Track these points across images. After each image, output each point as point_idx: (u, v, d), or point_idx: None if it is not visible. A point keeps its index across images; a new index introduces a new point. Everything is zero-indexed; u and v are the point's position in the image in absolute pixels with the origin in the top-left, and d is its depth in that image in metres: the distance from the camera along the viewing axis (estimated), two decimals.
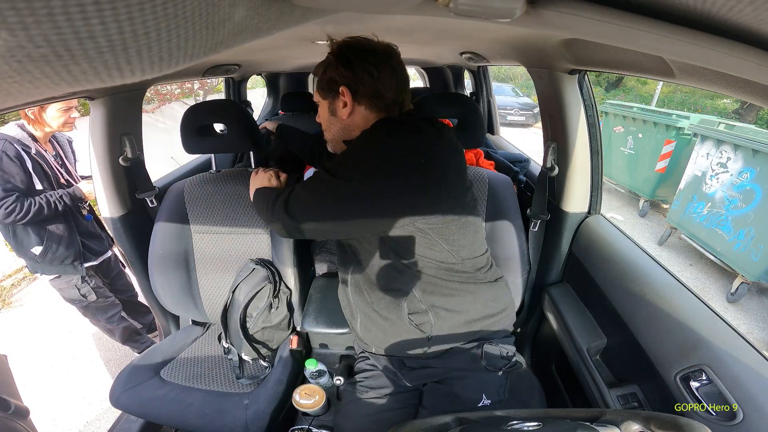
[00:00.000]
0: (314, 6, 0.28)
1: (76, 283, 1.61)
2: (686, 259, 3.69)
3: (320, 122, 0.90)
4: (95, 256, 1.67)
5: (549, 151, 1.18)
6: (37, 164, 1.44)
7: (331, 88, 0.82)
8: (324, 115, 0.88)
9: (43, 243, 1.48)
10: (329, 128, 0.89)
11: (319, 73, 0.84)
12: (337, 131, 0.88)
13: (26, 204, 1.37)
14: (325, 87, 0.83)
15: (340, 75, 0.79)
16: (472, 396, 0.84)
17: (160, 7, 0.15)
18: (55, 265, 1.54)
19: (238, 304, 1.18)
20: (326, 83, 0.82)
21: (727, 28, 0.28)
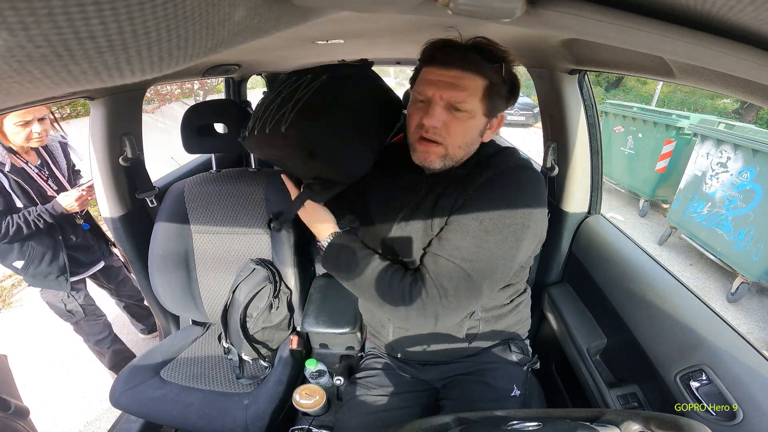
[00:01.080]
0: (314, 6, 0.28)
1: (62, 298, 1.54)
2: (686, 259, 3.69)
3: (452, 133, 0.71)
4: (84, 268, 1.58)
5: (549, 151, 1.18)
6: (14, 181, 1.31)
7: (496, 107, 0.72)
8: (473, 132, 0.72)
9: (24, 258, 1.40)
10: (466, 147, 0.74)
11: (475, 75, 0.68)
12: (467, 153, 0.76)
13: (3, 225, 1.27)
14: (491, 104, 0.70)
15: (503, 101, 0.72)
16: (506, 386, 0.89)
17: (160, 7, 0.15)
18: (39, 279, 1.47)
19: (239, 304, 1.18)
20: (493, 99, 0.70)
21: (727, 28, 0.28)
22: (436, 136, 0.70)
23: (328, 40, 1.17)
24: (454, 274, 0.68)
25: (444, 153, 0.72)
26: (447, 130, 0.70)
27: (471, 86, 0.67)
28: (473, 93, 0.67)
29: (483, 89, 0.68)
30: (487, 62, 0.67)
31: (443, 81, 0.67)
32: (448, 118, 0.69)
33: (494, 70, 0.68)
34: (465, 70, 0.67)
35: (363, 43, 1.31)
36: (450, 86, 0.67)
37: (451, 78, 0.67)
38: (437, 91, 0.68)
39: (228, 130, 1.19)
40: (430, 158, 0.73)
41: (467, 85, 0.67)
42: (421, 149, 0.73)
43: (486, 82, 0.67)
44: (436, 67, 0.69)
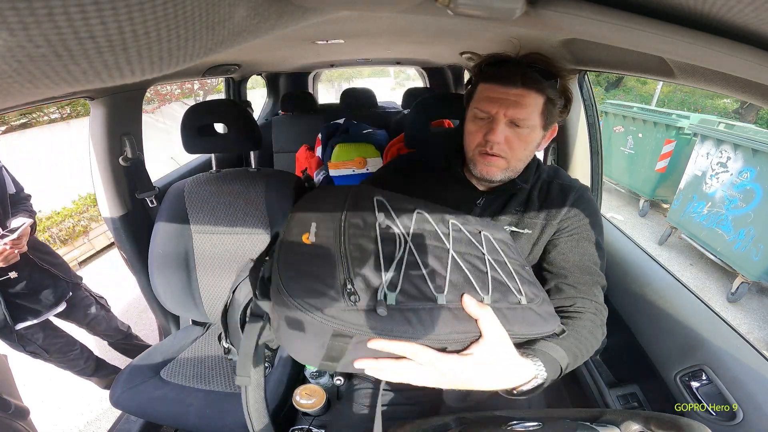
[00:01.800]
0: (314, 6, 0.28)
1: (15, 346, 1.37)
2: (686, 258, 3.69)
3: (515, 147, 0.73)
4: (34, 315, 1.38)
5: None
6: None
7: (552, 121, 0.75)
8: (533, 145, 0.76)
9: None
10: (526, 159, 0.77)
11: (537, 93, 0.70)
12: (524, 165, 0.79)
13: None
14: (548, 119, 0.73)
15: (558, 114, 0.74)
16: None
17: (160, 7, 0.15)
18: None
19: (239, 304, 1.18)
20: (551, 114, 0.73)
21: (727, 28, 0.28)
22: (499, 152, 0.73)
23: (328, 40, 1.17)
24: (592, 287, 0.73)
25: (506, 166, 0.75)
26: (509, 145, 0.73)
27: (532, 103, 0.70)
28: (534, 110, 0.70)
29: (542, 105, 0.71)
30: (545, 79, 0.70)
31: (506, 99, 0.70)
32: (510, 134, 0.72)
33: (551, 87, 0.70)
34: (527, 88, 0.69)
35: (363, 43, 1.31)
36: (513, 104, 0.70)
37: (514, 96, 0.70)
38: (500, 108, 0.70)
39: (228, 130, 1.19)
40: (492, 171, 0.75)
41: (529, 103, 0.70)
42: (483, 162, 0.76)
43: (545, 98, 0.70)
44: (498, 85, 0.71)
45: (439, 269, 0.55)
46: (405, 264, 0.52)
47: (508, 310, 0.57)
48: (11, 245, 1.17)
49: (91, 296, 1.64)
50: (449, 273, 0.54)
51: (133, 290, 2.60)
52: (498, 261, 0.62)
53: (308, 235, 0.54)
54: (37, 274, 1.38)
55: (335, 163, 1.78)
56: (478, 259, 0.61)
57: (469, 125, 0.77)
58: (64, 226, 3.19)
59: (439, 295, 0.51)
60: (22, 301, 1.34)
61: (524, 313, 0.58)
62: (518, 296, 0.59)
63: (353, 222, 0.57)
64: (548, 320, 0.60)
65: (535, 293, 0.62)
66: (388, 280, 0.50)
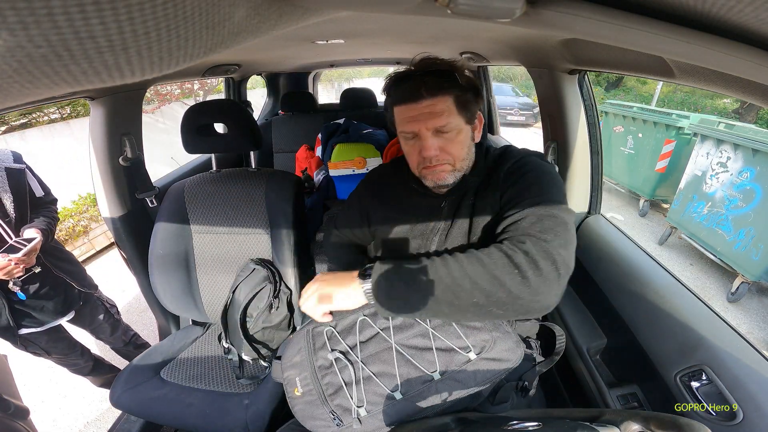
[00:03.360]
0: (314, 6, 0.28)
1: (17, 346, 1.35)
2: (686, 258, 3.69)
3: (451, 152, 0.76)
4: (39, 325, 1.35)
5: (549, 151, 1.18)
6: None
7: (473, 111, 0.77)
8: (467, 141, 0.78)
9: None
10: (468, 156, 0.79)
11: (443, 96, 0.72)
12: (470, 160, 0.81)
13: None
14: (468, 112, 0.75)
15: (474, 103, 0.76)
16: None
17: (160, 7, 0.15)
18: None
19: (239, 304, 1.18)
20: (468, 107, 0.75)
21: (727, 28, 0.28)
22: (439, 161, 0.76)
23: (328, 40, 1.17)
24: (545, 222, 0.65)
25: (452, 168, 0.78)
26: (445, 150, 0.75)
27: (444, 107, 0.72)
28: (449, 112, 0.73)
29: (454, 104, 0.73)
30: (444, 79, 0.72)
31: (420, 114, 0.73)
32: (441, 143, 0.75)
33: (453, 83, 0.73)
34: (433, 96, 0.72)
35: (363, 43, 1.31)
36: (428, 116, 0.72)
37: (425, 108, 0.72)
38: (420, 124, 0.73)
39: (228, 130, 1.19)
40: (441, 175, 0.78)
41: (441, 109, 0.72)
42: (431, 173, 0.78)
43: (453, 96, 0.73)
44: (408, 104, 0.74)
45: (390, 370, 0.71)
46: (363, 382, 0.72)
47: (459, 373, 0.69)
48: (17, 261, 1.13)
49: (103, 305, 1.62)
50: (398, 369, 0.71)
51: (133, 290, 2.61)
52: (441, 326, 0.73)
53: (297, 389, 0.79)
54: (50, 281, 1.35)
55: (335, 162, 1.78)
56: (420, 337, 0.73)
57: (404, 147, 0.80)
58: (64, 226, 3.19)
59: (395, 393, 0.70)
60: (28, 309, 1.30)
61: (477, 367, 0.70)
62: (466, 354, 0.70)
63: (319, 365, 0.78)
64: (507, 359, 0.71)
65: (485, 339, 0.71)
66: (356, 400, 0.72)
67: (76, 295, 1.46)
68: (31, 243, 1.16)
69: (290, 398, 0.79)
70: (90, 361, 1.62)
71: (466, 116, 0.75)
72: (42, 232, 1.23)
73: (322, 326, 0.82)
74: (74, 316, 1.49)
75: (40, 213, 1.30)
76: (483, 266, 0.61)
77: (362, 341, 0.77)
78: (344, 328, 0.80)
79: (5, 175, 1.19)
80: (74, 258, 1.52)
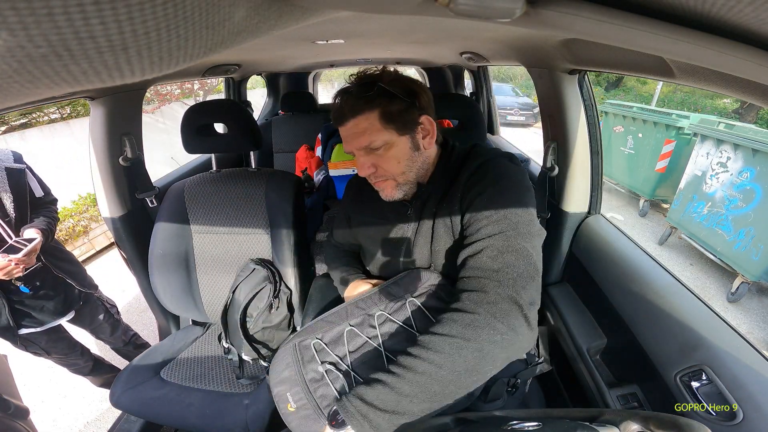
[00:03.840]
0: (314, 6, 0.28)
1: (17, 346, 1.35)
2: (686, 258, 3.69)
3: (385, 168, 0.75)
4: (38, 325, 1.34)
5: (549, 151, 1.18)
6: None
7: (407, 120, 0.73)
8: (404, 154, 0.74)
9: None
10: (412, 168, 0.76)
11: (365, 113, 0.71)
12: (419, 169, 0.78)
13: None
14: (398, 123, 0.72)
15: (409, 111, 0.73)
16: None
17: (160, 7, 0.15)
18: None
19: (239, 304, 1.18)
20: (397, 118, 0.71)
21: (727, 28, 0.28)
22: (378, 178, 0.77)
23: (328, 40, 1.17)
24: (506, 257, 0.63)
25: (396, 183, 0.77)
26: (380, 166, 0.75)
27: (367, 125, 0.71)
28: (372, 129, 0.71)
29: (378, 119, 0.71)
30: (363, 97, 0.70)
31: (347, 136, 0.74)
32: (374, 159, 0.74)
33: (376, 96, 0.70)
34: (354, 116, 0.71)
35: (363, 43, 1.31)
36: (353, 137, 0.73)
37: (350, 129, 0.72)
38: (350, 145, 0.75)
39: (228, 130, 1.19)
40: (388, 193, 0.79)
41: (363, 127, 0.71)
42: (379, 189, 0.79)
43: (376, 111, 0.70)
44: (339, 126, 0.75)
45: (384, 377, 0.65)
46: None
47: None
48: (16, 262, 1.13)
49: (103, 305, 1.62)
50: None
51: (133, 290, 2.61)
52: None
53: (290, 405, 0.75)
54: (50, 281, 1.35)
55: (335, 162, 1.78)
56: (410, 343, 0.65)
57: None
58: (64, 226, 3.19)
59: None
60: (28, 309, 1.31)
61: None
62: None
63: (310, 378, 0.75)
64: None
65: None
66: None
67: (76, 295, 1.46)
68: (31, 243, 1.16)
69: (284, 414, 0.74)
70: (90, 361, 1.61)
71: (396, 127, 0.72)
72: (42, 232, 1.23)
73: (309, 339, 0.79)
74: (74, 316, 1.49)
75: (40, 213, 1.30)
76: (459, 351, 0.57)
77: (351, 351, 0.75)
78: (331, 339, 0.78)
79: (5, 175, 1.19)
80: (74, 258, 1.52)
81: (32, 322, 1.33)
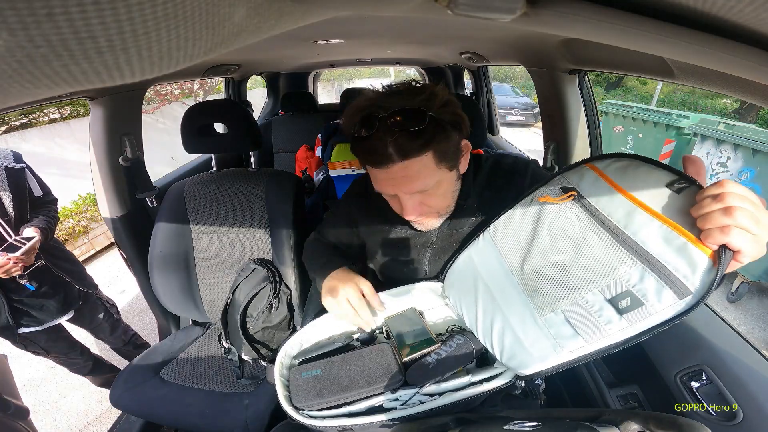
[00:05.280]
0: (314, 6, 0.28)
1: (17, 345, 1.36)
2: None
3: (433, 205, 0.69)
4: (38, 324, 1.35)
5: (549, 151, 1.18)
6: None
7: (456, 153, 0.66)
8: (450, 187, 0.70)
9: None
10: (454, 196, 0.73)
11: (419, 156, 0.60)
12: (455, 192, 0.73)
13: None
14: (451, 160, 0.65)
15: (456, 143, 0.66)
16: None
17: (160, 7, 0.15)
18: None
19: (239, 304, 1.18)
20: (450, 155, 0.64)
21: (727, 28, 0.28)
22: (422, 215, 0.70)
23: (328, 40, 1.17)
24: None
25: (438, 215, 0.74)
26: (427, 204, 0.68)
27: (421, 168, 0.61)
28: (426, 171, 0.62)
29: (433, 160, 0.61)
30: (415, 137, 0.58)
31: (392, 179, 0.62)
32: (422, 198, 0.67)
33: (430, 131, 0.59)
34: (403, 159, 0.59)
35: (363, 43, 1.31)
36: (403, 180, 0.62)
37: (399, 173, 0.61)
38: (395, 188, 0.64)
39: (228, 130, 1.19)
40: (429, 224, 0.75)
41: (417, 171, 0.61)
42: (417, 224, 0.75)
43: (430, 152, 0.60)
44: (378, 169, 0.62)
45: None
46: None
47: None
48: (15, 260, 1.13)
49: (103, 305, 1.61)
50: None
51: (133, 290, 2.61)
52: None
53: None
54: (49, 280, 1.35)
55: (335, 162, 1.78)
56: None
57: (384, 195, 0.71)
58: (64, 226, 3.19)
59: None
60: (28, 308, 1.30)
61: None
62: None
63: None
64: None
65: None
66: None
67: (76, 294, 1.46)
68: (29, 242, 1.16)
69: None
70: (90, 361, 1.61)
71: (448, 164, 0.64)
72: (41, 231, 1.23)
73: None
74: (74, 315, 1.49)
75: (39, 212, 1.30)
76: None
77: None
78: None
79: (5, 175, 1.19)
80: (74, 257, 1.52)
81: (32, 321, 1.33)
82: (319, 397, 0.64)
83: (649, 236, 0.47)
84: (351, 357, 0.70)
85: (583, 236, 0.55)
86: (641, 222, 0.49)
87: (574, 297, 0.53)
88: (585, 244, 0.54)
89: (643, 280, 0.47)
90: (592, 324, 0.51)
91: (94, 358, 1.65)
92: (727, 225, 0.39)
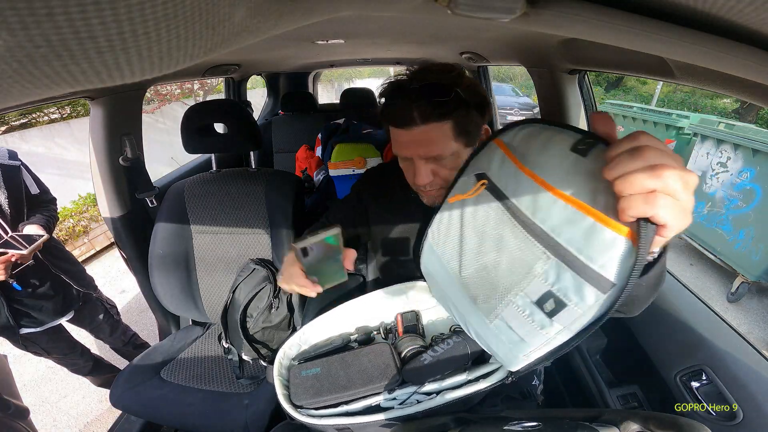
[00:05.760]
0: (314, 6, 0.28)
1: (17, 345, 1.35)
2: (686, 258, 3.68)
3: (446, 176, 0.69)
4: (38, 325, 1.34)
5: None
6: None
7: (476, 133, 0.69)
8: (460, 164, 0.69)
9: None
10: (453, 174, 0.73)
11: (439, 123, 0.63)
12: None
13: None
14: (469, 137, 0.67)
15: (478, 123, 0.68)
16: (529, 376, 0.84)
17: (160, 7, 0.15)
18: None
19: (239, 304, 1.18)
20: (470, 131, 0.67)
21: (727, 28, 0.28)
22: (434, 186, 0.71)
23: (328, 40, 1.17)
24: None
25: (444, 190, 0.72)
26: (439, 175, 0.70)
27: (440, 135, 0.64)
28: (445, 139, 0.65)
29: (452, 130, 0.64)
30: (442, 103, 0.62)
31: (412, 141, 0.66)
32: (435, 167, 0.69)
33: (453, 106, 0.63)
34: (427, 123, 0.63)
35: (363, 43, 1.31)
36: (421, 143, 0.65)
37: (419, 136, 0.64)
38: (412, 151, 0.67)
39: (228, 130, 1.19)
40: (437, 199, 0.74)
41: (436, 137, 0.64)
42: (425, 197, 0.75)
43: (452, 121, 0.64)
44: (400, 129, 0.66)
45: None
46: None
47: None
48: (17, 257, 1.12)
49: (103, 305, 1.61)
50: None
51: (133, 290, 2.61)
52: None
53: None
54: (49, 280, 1.34)
55: (335, 163, 1.78)
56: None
57: (399, 162, 0.75)
58: (64, 226, 3.19)
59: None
60: (27, 309, 1.30)
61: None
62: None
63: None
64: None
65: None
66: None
67: (76, 295, 1.46)
68: (34, 244, 1.16)
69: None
70: (90, 361, 1.61)
71: (465, 140, 0.67)
72: (42, 228, 1.23)
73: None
74: (74, 316, 1.49)
75: (38, 211, 1.30)
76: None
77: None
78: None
79: (0, 172, 1.19)
80: (74, 258, 1.52)
81: (32, 322, 1.33)
82: (317, 396, 0.65)
83: (556, 222, 0.41)
84: (349, 357, 0.71)
85: (500, 233, 0.49)
86: (545, 205, 0.42)
87: (506, 302, 0.48)
88: (503, 241, 0.48)
89: (561, 278, 0.41)
90: (530, 330, 0.46)
91: (94, 359, 1.65)
92: (652, 190, 0.32)
